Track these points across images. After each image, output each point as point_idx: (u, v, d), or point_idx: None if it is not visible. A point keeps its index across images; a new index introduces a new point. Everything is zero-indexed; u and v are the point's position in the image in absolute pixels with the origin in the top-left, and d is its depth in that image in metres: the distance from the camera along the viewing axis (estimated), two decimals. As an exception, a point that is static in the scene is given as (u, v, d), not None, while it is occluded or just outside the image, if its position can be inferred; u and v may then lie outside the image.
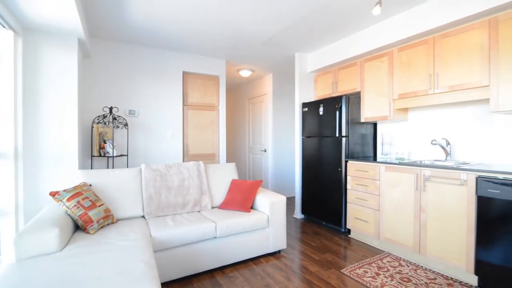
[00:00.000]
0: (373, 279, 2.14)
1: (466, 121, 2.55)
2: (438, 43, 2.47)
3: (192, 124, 3.97)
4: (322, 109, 3.41)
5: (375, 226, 2.76)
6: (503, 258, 1.86)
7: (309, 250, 2.72)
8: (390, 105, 2.87)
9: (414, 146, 2.99)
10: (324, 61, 3.62)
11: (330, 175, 3.28)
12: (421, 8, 2.50)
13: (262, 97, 5.34)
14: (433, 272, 2.24)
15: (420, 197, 2.36)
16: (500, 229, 1.87)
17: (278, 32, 3.15)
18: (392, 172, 2.60)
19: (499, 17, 2.09)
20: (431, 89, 2.51)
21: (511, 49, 2.02)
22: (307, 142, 3.67)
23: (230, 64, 4.45)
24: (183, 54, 3.86)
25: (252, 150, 5.70)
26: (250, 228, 2.40)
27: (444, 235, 2.20)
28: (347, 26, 2.99)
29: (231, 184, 2.85)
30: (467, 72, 2.27)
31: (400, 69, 2.79)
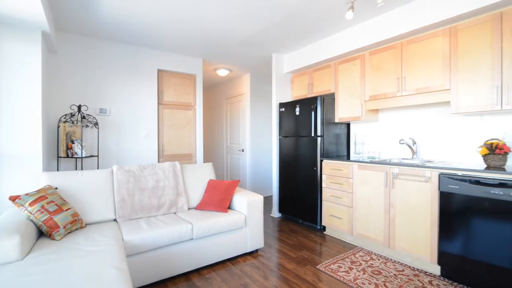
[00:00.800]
0: (347, 273, 2.22)
1: (431, 122, 2.73)
2: (405, 48, 2.62)
3: (167, 123, 3.87)
4: (298, 109, 3.47)
5: (348, 222, 2.87)
6: (462, 248, 2.02)
7: (286, 248, 2.76)
8: (362, 106, 3.00)
9: (384, 145, 3.14)
10: (300, 63, 3.69)
11: (306, 174, 3.36)
12: (390, 15, 2.64)
13: (239, 96, 5.33)
14: (401, 264, 2.38)
15: (389, 194, 2.49)
16: (459, 221, 2.03)
17: (255, 33, 3.16)
18: (364, 170, 2.71)
19: (458, 26, 2.27)
20: (399, 91, 2.66)
21: (469, 56, 2.20)
22: (284, 142, 3.73)
23: (207, 63, 4.40)
24: (158, 52, 3.75)
25: (230, 150, 5.68)
26: (227, 228, 2.39)
27: (411, 229, 2.34)
28: (322, 29, 3.07)
29: (208, 185, 2.82)
30: (431, 76, 2.43)
31: (371, 72, 2.92)
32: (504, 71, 2.02)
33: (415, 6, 2.44)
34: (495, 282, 1.86)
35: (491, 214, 1.86)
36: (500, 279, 1.84)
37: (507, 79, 2.01)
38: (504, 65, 2.02)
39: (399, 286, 2.03)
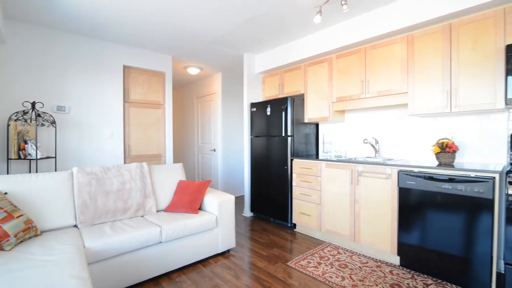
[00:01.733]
0: (316, 268, 2.30)
1: (391, 123, 2.93)
2: (368, 53, 2.78)
3: (134, 122, 3.70)
4: (269, 109, 3.52)
5: (317, 219, 2.98)
6: (418, 239, 2.19)
7: (258, 247, 2.79)
8: (330, 107, 3.12)
9: (350, 144, 3.31)
10: (271, 63, 3.74)
11: (277, 173, 3.42)
12: (355, 21, 2.78)
13: (211, 96, 5.27)
14: (365, 257, 2.52)
15: (355, 191, 2.63)
16: (416, 214, 2.20)
17: (226, 32, 3.14)
18: (332, 168, 2.83)
19: (414, 34, 2.46)
20: (363, 93, 2.81)
21: (423, 62, 2.40)
22: (256, 142, 3.75)
23: (177, 61, 4.28)
24: (124, 47, 3.56)
25: (201, 150, 5.58)
26: (198, 229, 2.35)
27: (374, 223, 2.49)
28: (293, 31, 3.14)
29: (178, 186, 2.75)
30: (391, 80, 2.60)
31: (338, 74, 3.05)
32: (452, 77, 2.23)
33: (377, 14, 2.60)
34: (445, 267, 2.05)
35: (442, 206, 2.05)
36: (449, 265, 2.03)
37: (455, 85, 2.22)
38: (453, 72, 2.23)
39: (363, 277, 2.15)
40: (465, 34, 2.17)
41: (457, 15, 2.18)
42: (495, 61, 2.03)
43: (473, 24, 2.13)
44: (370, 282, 2.07)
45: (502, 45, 2.00)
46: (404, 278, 2.13)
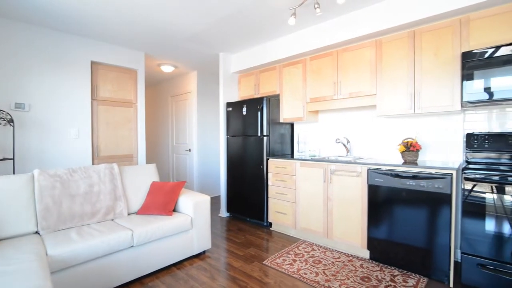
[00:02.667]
0: (291, 265, 2.35)
1: (361, 123, 3.07)
2: (340, 56, 2.88)
3: (104, 121, 3.52)
4: (245, 109, 3.52)
5: (292, 217, 3.03)
6: (386, 233, 2.32)
7: (234, 247, 2.78)
8: (304, 108, 3.20)
9: (323, 144, 3.41)
10: (247, 63, 3.75)
11: (253, 172, 3.43)
12: (327, 24, 2.87)
13: (186, 94, 5.16)
14: (338, 252, 2.62)
15: (328, 189, 2.72)
16: (384, 210, 2.33)
17: (201, 30, 3.09)
18: (306, 167, 2.90)
19: (382, 40, 2.59)
20: (335, 95, 2.91)
21: (390, 66, 2.54)
22: (232, 141, 3.74)
23: (150, 58, 4.14)
24: (93, 42, 3.37)
25: (176, 150, 5.45)
26: (172, 231, 2.29)
27: (346, 220, 2.59)
28: (268, 32, 3.17)
29: (151, 187, 2.66)
30: (361, 82, 2.72)
31: (312, 76, 3.13)
32: (416, 80, 2.39)
33: (348, 19, 2.70)
34: (410, 259, 2.19)
35: (407, 202, 2.19)
36: (413, 256, 2.17)
37: (418, 88, 2.38)
38: (416, 76, 2.39)
39: (336, 272, 2.23)
40: (427, 41, 2.33)
41: (419, 23, 2.33)
42: (453, 66, 2.21)
43: (433, 32, 2.30)
44: (342, 276, 2.16)
45: (458, 53, 2.18)
46: (373, 271, 2.25)
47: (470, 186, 1.93)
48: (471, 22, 2.13)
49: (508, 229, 1.79)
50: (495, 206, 1.84)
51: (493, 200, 1.85)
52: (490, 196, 1.86)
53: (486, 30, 2.06)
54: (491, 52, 1.97)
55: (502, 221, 1.81)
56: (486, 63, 1.99)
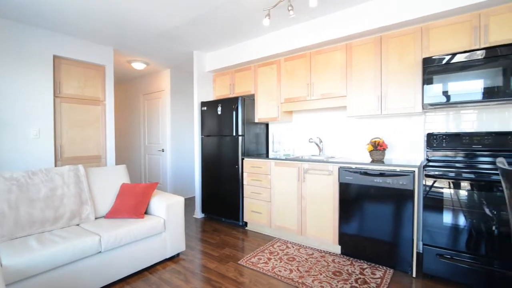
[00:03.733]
0: (266, 264, 2.38)
1: (333, 123, 3.18)
2: (313, 58, 2.96)
3: (68, 120, 3.30)
4: (220, 108, 3.50)
5: (267, 216, 3.07)
6: (356, 229, 2.43)
7: (209, 248, 2.75)
8: (279, 108, 3.24)
9: (297, 143, 3.49)
10: (222, 62, 3.72)
11: (229, 172, 3.42)
12: (301, 27, 2.93)
13: (159, 93, 5.00)
14: (311, 249, 2.69)
15: (301, 187, 2.78)
16: (354, 206, 2.44)
17: (174, 27, 3.01)
18: (280, 167, 2.95)
19: (352, 44, 2.71)
20: (308, 95, 2.99)
21: (359, 69, 2.66)
22: (207, 141, 3.69)
23: (120, 54, 3.95)
24: (55, 35, 3.14)
25: (148, 150, 5.26)
26: (144, 235, 2.21)
27: (319, 217, 2.68)
28: (243, 32, 3.17)
29: (121, 189, 2.55)
30: (333, 84, 2.82)
31: (286, 76, 3.19)
32: (382, 83, 2.53)
33: (320, 22, 2.79)
34: (378, 252, 2.31)
35: (375, 198, 2.31)
36: (381, 249, 2.30)
37: (385, 90, 2.52)
38: (383, 79, 2.52)
39: (309, 268, 2.30)
40: (392, 46, 2.47)
41: (385, 29, 2.47)
42: (415, 71, 2.36)
43: (398, 38, 2.44)
44: (315, 272, 2.22)
45: (420, 58, 2.34)
46: (344, 265, 2.34)
47: (430, 182, 2.08)
48: (431, 30, 2.29)
49: (463, 221, 1.96)
50: (452, 200, 2.00)
51: (450, 195, 2.01)
52: (447, 191, 2.02)
53: (444, 38, 2.24)
54: (448, 58, 2.14)
55: (457, 213, 1.98)
56: (444, 69, 2.16)
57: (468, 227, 1.94)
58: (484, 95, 2.01)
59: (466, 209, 1.95)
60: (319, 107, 2.94)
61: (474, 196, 1.92)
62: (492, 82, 1.98)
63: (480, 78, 2.02)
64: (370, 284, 2.04)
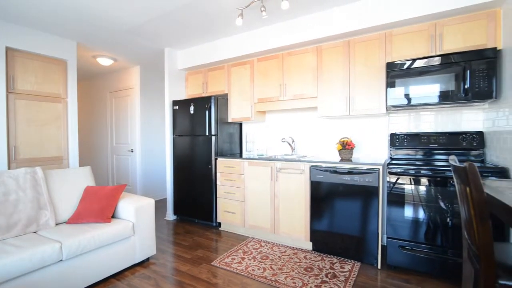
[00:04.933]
0: (239, 264, 2.38)
1: (305, 123, 3.26)
2: (285, 59, 3.02)
3: (24, 118, 3.03)
4: (192, 108, 3.43)
5: (241, 216, 3.07)
6: (326, 225, 2.52)
7: (181, 250, 2.69)
8: (252, 108, 3.26)
9: (270, 143, 3.53)
10: (195, 61, 3.65)
11: (201, 172, 3.37)
12: (273, 28, 2.97)
13: (128, 90, 4.77)
14: (284, 246, 2.74)
15: (274, 186, 2.82)
16: (324, 204, 2.52)
17: (144, 23, 2.90)
18: (254, 166, 2.97)
19: (322, 47, 2.80)
20: (281, 96, 3.04)
21: (330, 72, 2.75)
22: (179, 141, 3.60)
23: (84, 48, 3.71)
24: (8, 25, 2.87)
25: (116, 151, 5.01)
26: (110, 240, 2.10)
27: (291, 215, 2.73)
28: (216, 30, 3.14)
29: (85, 192, 2.40)
30: (305, 85, 2.90)
31: (259, 77, 3.21)
32: (350, 86, 2.65)
33: (291, 24, 2.85)
34: (346, 247, 2.42)
35: (344, 195, 2.41)
36: (349, 244, 2.40)
37: (352, 92, 2.64)
38: (351, 81, 2.64)
39: (282, 265, 2.34)
40: (359, 51, 2.60)
41: (353, 34, 2.59)
42: (379, 75, 2.51)
43: (364, 43, 2.57)
44: (288, 269, 2.27)
45: (384, 63, 2.48)
46: (315, 261, 2.42)
47: (393, 179, 2.22)
48: (393, 37, 2.44)
49: (422, 215, 2.12)
50: (413, 195, 2.15)
51: (410, 190, 2.16)
52: (408, 187, 2.17)
53: (405, 44, 2.40)
54: (409, 64, 2.29)
55: (417, 208, 2.13)
56: (405, 73, 2.31)
57: (427, 220, 2.10)
58: (440, 99, 2.18)
59: (424, 203, 2.11)
60: (291, 107, 3.01)
61: (431, 191, 2.09)
62: (446, 86, 2.16)
63: (436, 83, 2.20)
64: (340, 277, 2.13)
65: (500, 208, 1.07)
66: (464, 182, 1.14)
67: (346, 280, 2.08)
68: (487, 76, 2.02)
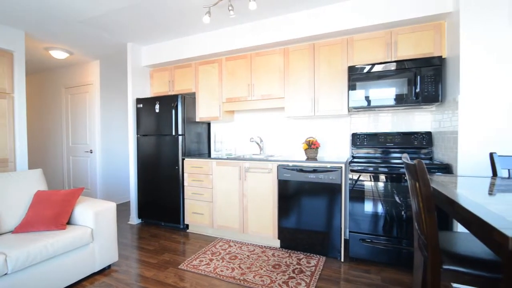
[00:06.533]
0: (208, 265, 2.34)
1: (273, 123, 3.32)
2: (254, 59, 3.04)
3: (-42, 116, 2.67)
4: (158, 106, 3.30)
5: (209, 216, 3.03)
6: (293, 222, 2.59)
7: (146, 255, 2.58)
8: (220, 107, 3.23)
9: (239, 143, 3.53)
10: (161, 58, 3.52)
11: (168, 174, 3.26)
12: (242, 28, 2.98)
13: (86, 87, 4.44)
14: (253, 245, 2.76)
15: (243, 185, 2.83)
16: (291, 202, 2.59)
17: (104, 14, 2.72)
18: (222, 166, 2.94)
19: (289, 48, 2.87)
20: (249, 96, 3.06)
21: (296, 73, 2.83)
22: (143, 141, 3.44)
23: (34, 39, 3.37)
24: None
25: (72, 152, 4.63)
26: (65, 248, 1.94)
27: (259, 214, 2.76)
28: (184, 27, 3.05)
29: (35, 198, 2.18)
30: (272, 86, 2.95)
31: (227, 76, 3.19)
32: (316, 87, 2.75)
33: (259, 25, 2.88)
34: (312, 242, 2.51)
35: (310, 193, 2.50)
36: (315, 240, 2.50)
37: (318, 94, 2.74)
38: (316, 83, 2.75)
39: (251, 264, 2.35)
40: (324, 54, 2.71)
41: (317, 37, 2.69)
42: (342, 78, 2.64)
43: (328, 47, 2.69)
44: (256, 267, 2.29)
45: (346, 66, 2.62)
46: (283, 257, 2.47)
47: (354, 176, 2.36)
48: (355, 42, 2.59)
49: (380, 209, 2.28)
50: (372, 191, 2.30)
51: (370, 187, 2.31)
52: (368, 183, 2.31)
53: (365, 50, 2.55)
54: (369, 68, 2.45)
55: (376, 202, 2.29)
56: (365, 77, 2.46)
57: (384, 214, 2.26)
58: (395, 101, 2.37)
59: (382, 198, 2.27)
60: (259, 107, 3.04)
61: (388, 187, 2.25)
62: (401, 90, 2.35)
63: (392, 87, 2.37)
64: (306, 272, 2.20)
65: (444, 201, 1.19)
66: (414, 178, 1.24)
67: (312, 275, 2.16)
68: (434, 82, 2.23)
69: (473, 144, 1.95)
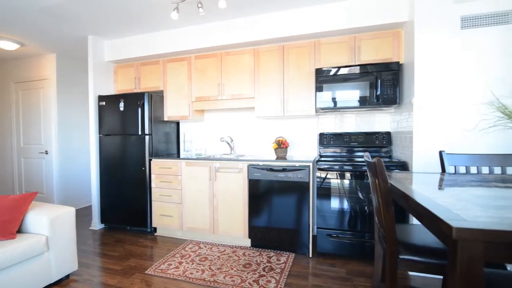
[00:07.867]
0: (176, 269, 2.28)
1: (243, 123, 3.33)
2: (224, 58, 3.02)
3: None
4: (123, 104, 3.13)
5: (178, 218, 2.95)
6: (264, 221, 2.62)
7: (109, 262, 2.44)
8: (190, 106, 3.16)
9: (209, 143, 3.49)
10: (126, 53, 3.34)
11: (134, 175, 3.11)
12: (212, 26, 2.94)
13: (40, 82, 4.07)
14: (223, 246, 2.74)
15: (213, 186, 2.80)
16: (261, 201, 2.62)
17: (61, 3, 2.51)
18: (192, 166, 2.88)
19: (259, 49, 2.89)
20: (219, 95, 3.03)
21: (266, 74, 2.87)
22: (106, 141, 3.25)
23: (-25, 27, 3.01)
24: None
25: (24, 153, 4.22)
26: (15, 260, 1.76)
27: (230, 214, 2.75)
28: (151, 22, 2.93)
29: (-22, 205, 1.95)
30: (242, 85, 2.95)
31: (197, 75, 3.13)
32: (285, 88, 2.81)
33: (229, 24, 2.86)
34: (282, 240, 2.56)
35: (279, 191, 2.55)
36: (285, 237, 2.55)
37: (287, 95, 2.80)
38: (285, 84, 2.80)
39: (221, 265, 2.34)
40: (293, 56, 2.78)
41: (287, 39, 2.75)
42: (310, 79, 2.72)
43: (297, 49, 2.76)
44: (227, 268, 2.28)
45: (313, 69, 2.71)
46: (253, 256, 2.49)
47: (321, 174, 2.45)
48: (322, 45, 2.69)
49: (345, 205, 2.39)
50: (338, 188, 2.41)
51: (336, 184, 2.41)
52: (334, 181, 2.42)
53: (331, 53, 2.66)
54: (335, 71, 2.56)
55: (342, 199, 2.40)
56: (331, 79, 2.57)
57: (349, 210, 2.38)
58: (359, 103, 2.50)
59: (347, 195, 2.39)
60: (230, 107, 3.02)
61: (352, 184, 2.37)
62: (364, 92, 2.49)
63: (356, 89, 2.50)
64: (276, 270, 2.24)
65: (400, 196, 1.28)
66: (374, 175, 1.33)
67: (281, 272, 2.21)
68: (393, 85, 2.40)
69: (426, 143, 2.13)
